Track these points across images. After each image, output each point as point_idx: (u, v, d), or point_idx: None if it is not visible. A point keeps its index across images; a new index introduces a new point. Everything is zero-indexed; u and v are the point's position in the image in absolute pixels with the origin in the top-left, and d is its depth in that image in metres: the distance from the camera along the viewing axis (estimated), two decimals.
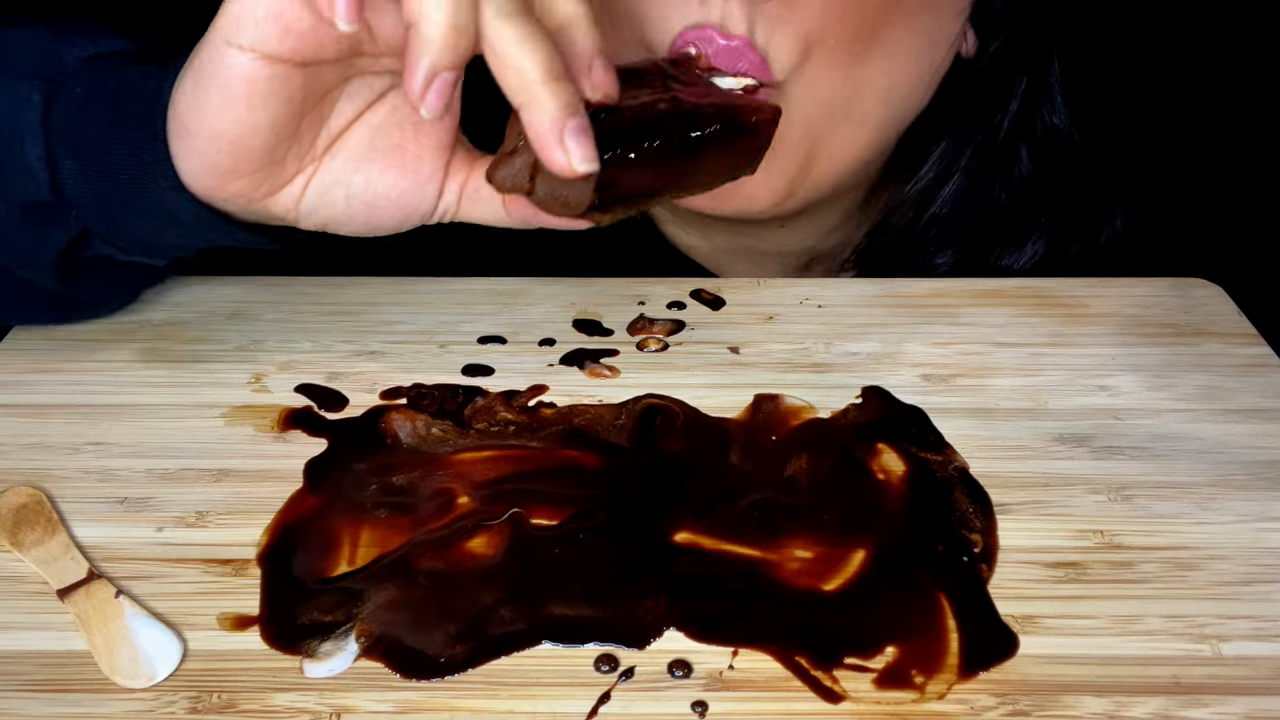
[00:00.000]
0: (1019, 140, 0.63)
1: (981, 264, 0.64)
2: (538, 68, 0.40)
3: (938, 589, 0.40)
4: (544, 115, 0.40)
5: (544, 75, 0.40)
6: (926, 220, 0.63)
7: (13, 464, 0.46)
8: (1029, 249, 0.64)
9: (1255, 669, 0.38)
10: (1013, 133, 0.62)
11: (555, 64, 0.40)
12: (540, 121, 0.40)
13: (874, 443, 0.47)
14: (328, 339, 0.53)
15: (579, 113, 0.41)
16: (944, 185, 0.63)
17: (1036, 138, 0.63)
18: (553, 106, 0.40)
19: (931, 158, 0.63)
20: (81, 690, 0.37)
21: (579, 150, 0.41)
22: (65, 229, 0.47)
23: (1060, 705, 0.36)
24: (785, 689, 0.37)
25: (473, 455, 0.46)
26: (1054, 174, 0.63)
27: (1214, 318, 0.55)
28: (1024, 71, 0.61)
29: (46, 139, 0.46)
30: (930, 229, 0.64)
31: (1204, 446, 0.47)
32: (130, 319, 0.54)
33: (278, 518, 0.43)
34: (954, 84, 0.60)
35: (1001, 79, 0.61)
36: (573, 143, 0.40)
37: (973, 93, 0.61)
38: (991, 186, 0.63)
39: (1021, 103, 0.62)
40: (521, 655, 0.38)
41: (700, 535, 0.43)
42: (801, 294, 0.57)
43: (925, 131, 0.62)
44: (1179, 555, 0.42)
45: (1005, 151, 0.63)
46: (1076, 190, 0.64)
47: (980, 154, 0.63)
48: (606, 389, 0.50)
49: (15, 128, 0.46)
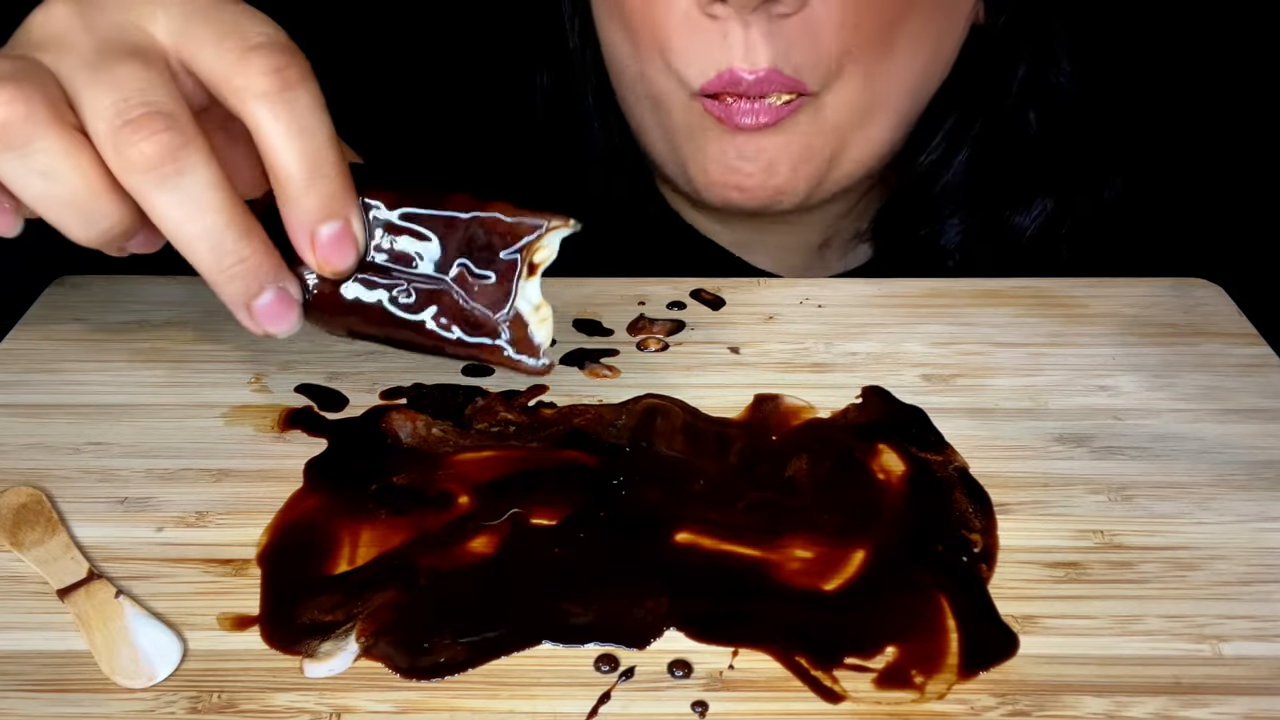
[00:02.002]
0: (1027, 103, 0.64)
1: (992, 225, 0.65)
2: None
3: (938, 589, 0.40)
4: (232, 297, 0.38)
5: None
6: (941, 188, 0.65)
7: (13, 464, 0.46)
8: (1037, 206, 0.65)
9: (1255, 669, 0.38)
10: (1020, 98, 0.64)
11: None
12: (231, 298, 0.38)
13: (874, 443, 0.47)
14: (328, 339, 0.53)
15: (269, 286, 0.38)
16: (956, 154, 0.64)
17: (1042, 98, 0.64)
18: (233, 291, 0.38)
19: (942, 130, 0.64)
20: (81, 690, 0.37)
21: (271, 325, 0.39)
22: None
23: (1060, 705, 0.36)
24: (785, 689, 0.37)
25: (473, 455, 0.46)
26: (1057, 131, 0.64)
27: (1214, 318, 0.55)
28: (1032, 36, 0.62)
29: None
30: (944, 195, 0.65)
31: (1204, 446, 0.47)
32: (130, 319, 0.54)
33: (278, 518, 0.43)
34: (965, 56, 0.61)
35: (1011, 46, 0.62)
36: (262, 317, 0.39)
37: (983, 63, 0.62)
38: (1002, 149, 0.64)
39: (1028, 66, 0.63)
40: (521, 655, 0.38)
41: (700, 535, 0.43)
42: (801, 294, 0.57)
43: (937, 106, 0.63)
44: (1179, 555, 0.42)
45: (1014, 115, 0.64)
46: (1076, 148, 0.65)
47: (990, 121, 0.64)
48: (606, 389, 0.50)
49: None
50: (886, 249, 0.69)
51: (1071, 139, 0.65)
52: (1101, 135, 0.66)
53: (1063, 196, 0.65)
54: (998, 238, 0.66)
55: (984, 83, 0.63)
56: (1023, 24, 0.62)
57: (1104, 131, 0.66)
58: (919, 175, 0.65)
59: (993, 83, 0.63)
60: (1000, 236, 0.66)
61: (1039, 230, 0.65)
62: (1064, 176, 0.65)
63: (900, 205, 0.67)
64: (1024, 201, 0.65)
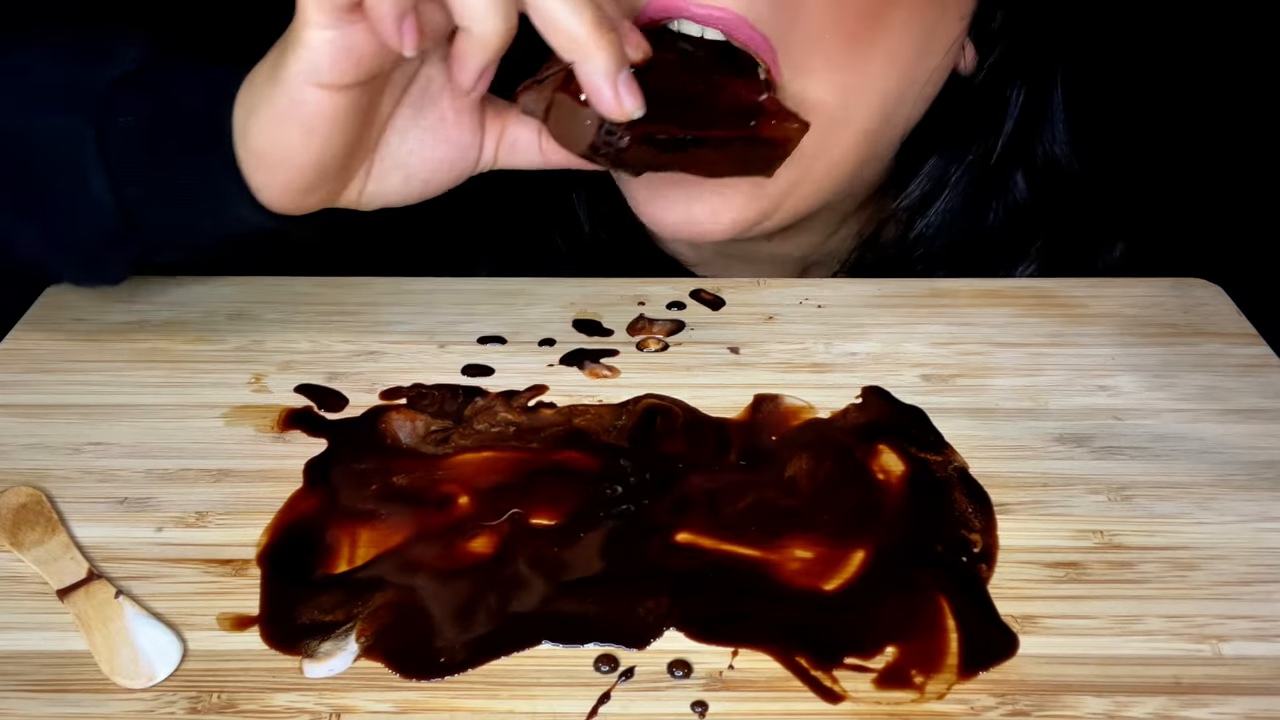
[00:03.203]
0: (1014, 164, 0.61)
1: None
2: (585, 24, 0.42)
3: (937, 589, 0.40)
4: (597, 68, 0.43)
5: (592, 30, 0.42)
6: (915, 236, 0.62)
7: (13, 464, 0.46)
8: (1021, 268, 0.62)
9: (1255, 669, 0.38)
10: (1007, 155, 0.61)
11: (602, 17, 0.43)
12: (594, 73, 0.43)
13: (874, 443, 0.47)
14: (328, 339, 0.53)
15: (627, 63, 0.44)
16: (934, 201, 0.62)
17: (1035, 164, 0.62)
18: (604, 60, 0.43)
19: (922, 172, 0.62)
20: (81, 690, 0.37)
21: (630, 100, 0.44)
22: (135, 246, 0.50)
23: (1060, 705, 0.36)
24: (785, 689, 0.37)
25: (473, 455, 0.46)
26: (1051, 202, 0.62)
27: (1214, 318, 0.55)
28: (1021, 91, 0.60)
29: (108, 172, 0.48)
30: (917, 246, 0.62)
31: (1204, 446, 0.47)
32: (130, 319, 0.54)
33: (278, 518, 0.43)
34: (949, 99, 0.59)
35: (997, 97, 0.60)
36: (625, 91, 0.44)
37: (967, 108, 0.60)
38: (984, 208, 0.62)
39: (1017, 125, 0.61)
40: (521, 655, 0.38)
41: (700, 535, 0.43)
42: (801, 294, 0.57)
43: (919, 146, 0.61)
44: (1179, 555, 0.42)
45: (999, 173, 0.61)
46: (1074, 219, 0.63)
47: (972, 173, 0.61)
48: (606, 389, 0.50)
49: (72, 162, 0.48)
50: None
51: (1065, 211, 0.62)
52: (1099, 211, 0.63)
53: (1050, 266, 0.62)
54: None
55: (967, 130, 0.61)
56: (1008, 74, 0.60)
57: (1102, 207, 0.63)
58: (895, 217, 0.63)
59: (976, 131, 0.61)
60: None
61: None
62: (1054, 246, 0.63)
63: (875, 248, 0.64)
64: (1006, 268, 0.62)
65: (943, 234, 0.62)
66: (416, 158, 0.49)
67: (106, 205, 0.48)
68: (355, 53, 0.43)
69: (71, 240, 0.50)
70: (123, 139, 0.48)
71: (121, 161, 0.48)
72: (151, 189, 0.48)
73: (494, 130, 0.50)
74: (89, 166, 0.48)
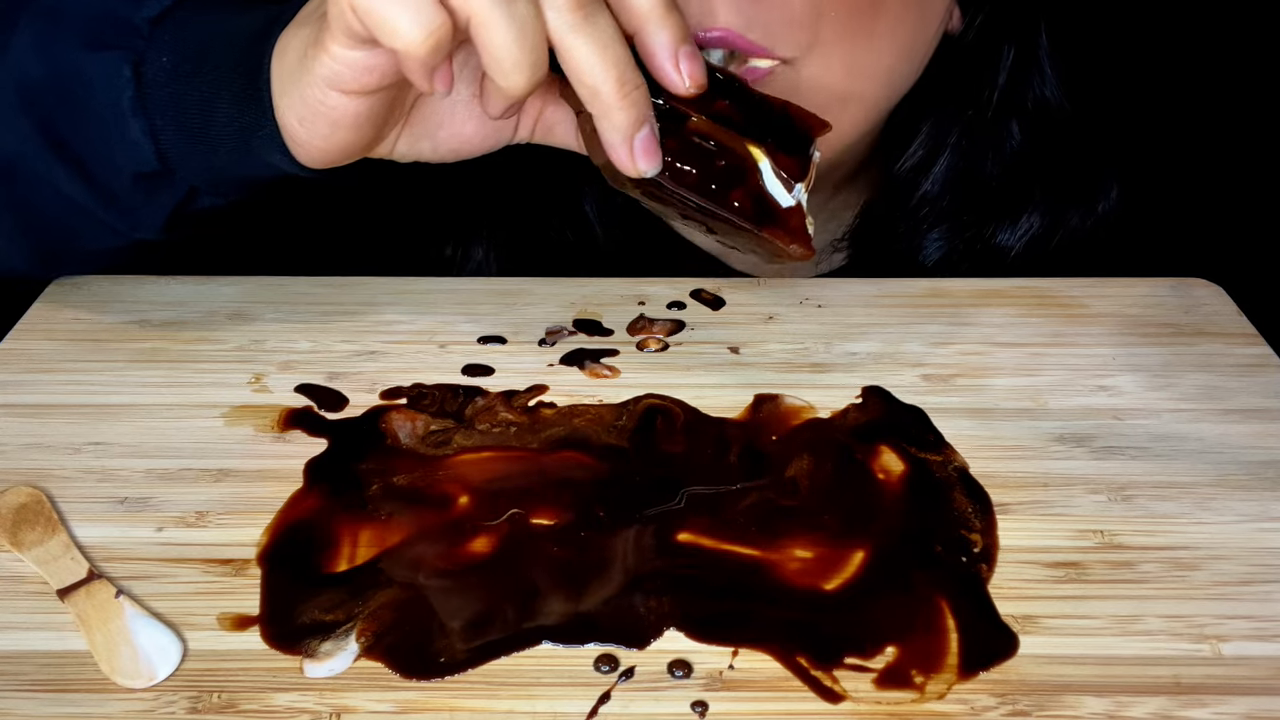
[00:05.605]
0: (1009, 114, 0.62)
1: (975, 241, 0.64)
2: (610, 81, 0.42)
3: (937, 589, 0.40)
4: (614, 127, 0.43)
5: (615, 89, 0.42)
6: (918, 199, 0.63)
7: (13, 464, 0.46)
8: (1024, 224, 0.63)
9: (1255, 669, 0.38)
10: (1002, 107, 0.62)
11: (628, 75, 0.42)
12: (610, 130, 0.43)
13: (874, 443, 0.47)
14: (328, 339, 0.53)
15: (647, 122, 0.43)
16: (934, 162, 0.63)
17: (1027, 111, 0.62)
18: (623, 120, 0.42)
19: (920, 135, 0.62)
20: (81, 690, 0.37)
21: (644, 161, 0.43)
22: (173, 192, 0.50)
23: (1060, 705, 0.36)
24: (785, 689, 0.37)
25: (473, 455, 0.46)
26: (1046, 146, 0.63)
27: (1214, 318, 0.55)
28: (1010, 44, 0.61)
29: (146, 113, 0.48)
30: (922, 207, 0.63)
31: (1204, 446, 0.47)
32: (130, 319, 0.54)
33: (278, 518, 0.43)
34: (940, 60, 0.60)
35: (988, 53, 0.61)
36: (640, 152, 0.43)
37: (959, 68, 0.61)
38: (982, 162, 0.63)
39: (1009, 76, 0.61)
40: (521, 655, 0.38)
41: (700, 535, 0.43)
42: (801, 294, 0.57)
43: (913, 109, 0.61)
44: (1179, 555, 0.42)
45: (995, 126, 0.62)
46: (1070, 161, 0.63)
47: (969, 130, 0.62)
48: (606, 389, 0.50)
49: (112, 101, 0.48)
50: (863, 260, 0.67)
51: (1061, 152, 0.63)
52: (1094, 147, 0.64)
53: (1053, 213, 0.63)
54: (980, 255, 0.64)
55: (961, 89, 0.61)
56: (996, 31, 0.60)
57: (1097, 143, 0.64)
58: (896, 182, 0.63)
59: (970, 89, 0.61)
60: (983, 254, 0.63)
61: (1025, 248, 0.63)
62: (1054, 191, 0.63)
63: (878, 214, 0.65)
64: (1009, 218, 0.63)
65: (944, 193, 0.63)
66: (446, 130, 0.49)
67: (144, 149, 0.48)
68: (379, 70, 0.43)
69: (108, 184, 0.50)
70: (160, 80, 0.48)
71: (160, 104, 0.48)
72: (189, 135, 0.48)
73: (532, 109, 0.50)
74: (127, 108, 0.48)
